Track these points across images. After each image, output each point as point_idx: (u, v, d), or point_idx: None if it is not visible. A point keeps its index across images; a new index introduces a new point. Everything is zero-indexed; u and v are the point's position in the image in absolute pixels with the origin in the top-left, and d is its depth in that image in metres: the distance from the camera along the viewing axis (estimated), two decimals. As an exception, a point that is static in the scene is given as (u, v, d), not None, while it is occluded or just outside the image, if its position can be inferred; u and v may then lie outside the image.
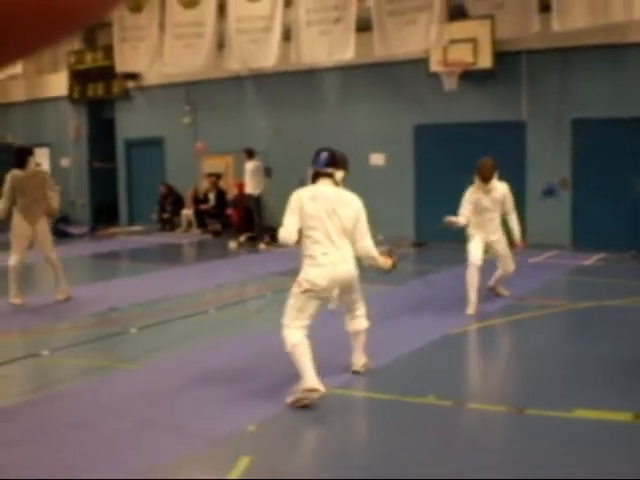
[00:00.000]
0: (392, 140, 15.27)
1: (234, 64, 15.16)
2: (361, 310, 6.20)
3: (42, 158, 22.07)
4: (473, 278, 8.46)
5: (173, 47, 15.58)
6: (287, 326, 5.70)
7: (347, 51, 13.33)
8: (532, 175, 13.98)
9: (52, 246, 9.87)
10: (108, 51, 18.03)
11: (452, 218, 8.76)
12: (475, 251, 8.65)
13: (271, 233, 15.83)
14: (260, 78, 16.59)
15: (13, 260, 9.61)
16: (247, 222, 15.99)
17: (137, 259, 15.28)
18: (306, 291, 5.67)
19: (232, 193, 17.37)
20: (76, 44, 20.16)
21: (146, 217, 19.17)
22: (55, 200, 9.91)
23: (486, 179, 8.68)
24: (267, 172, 16.27)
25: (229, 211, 17.21)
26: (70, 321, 8.87)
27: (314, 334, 5.77)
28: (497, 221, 8.90)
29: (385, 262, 6.16)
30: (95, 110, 20.62)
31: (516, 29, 11.85)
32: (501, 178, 8.88)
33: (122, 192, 20.42)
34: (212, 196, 17.94)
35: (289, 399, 5.51)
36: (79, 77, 20.03)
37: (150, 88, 19.02)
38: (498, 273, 9.17)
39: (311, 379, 5.44)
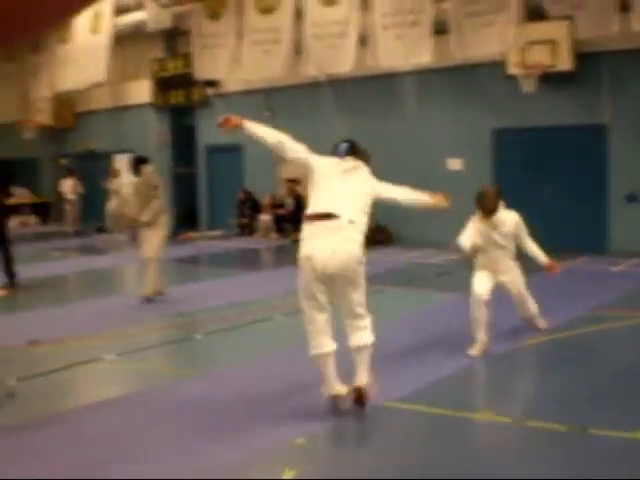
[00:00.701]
0: (469, 144, 14.98)
1: (311, 70, 15.17)
2: (366, 320, 5.53)
3: (126, 165, 22.58)
4: (478, 313, 7.10)
5: (251, 53, 15.68)
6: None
7: (424, 54, 13.16)
8: (614, 180, 13.48)
9: (158, 248, 10.34)
10: (188, 59, 18.28)
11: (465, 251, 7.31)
12: (480, 282, 7.25)
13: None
14: (337, 83, 16.53)
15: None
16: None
17: (213, 264, 15.42)
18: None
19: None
20: (158, 52, 20.54)
21: (225, 222, 19.34)
22: (151, 208, 10.20)
23: (489, 212, 7.22)
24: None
25: (307, 217, 17.18)
26: (140, 325, 8.96)
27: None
28: (509, 257, 7.47)
29: (437, 199, 5.95)
30: (177, 117, 20.93)
31: (595, 30, 11.45)
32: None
33: (202, 197, 20.67)
34: (290, 201, 17.97)
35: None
36: (162, 84, 20.38)
37: (229, 95, 19.19)
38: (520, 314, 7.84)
39: (333, 386, 5.49)
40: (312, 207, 5.42)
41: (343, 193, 5.41)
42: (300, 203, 17.64)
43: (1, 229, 11.79)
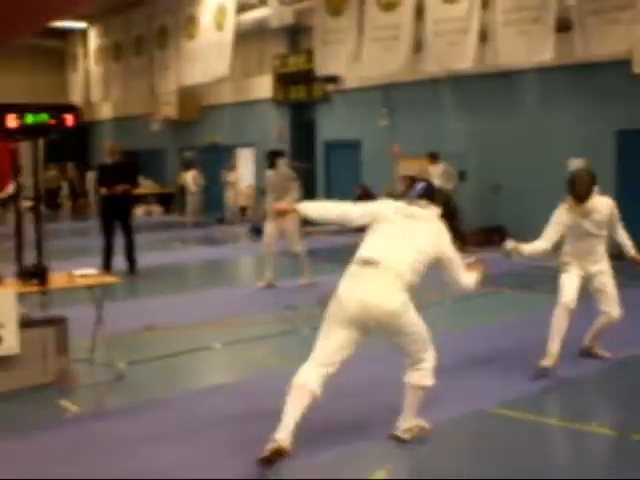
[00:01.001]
0: (592, 145, 14.50)
1: (431, 66, 15.02)
2: (427, 363, 4.91)
3: (247, 158, 23.08)
4: (560, 323, 6.57)
5: (371, 50, 15.68)
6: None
7: (546, 52, 12.82)
8: None
9: (296, 240, 11.12)
10: (310, 55, 18.48)
11: (514, 244, 6.66)
12: (569, 289, 6.66)
13: (461, 238, 15.63)
14: (457, 80, 16.35)
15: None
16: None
17: (323, 258, 15.51)
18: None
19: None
20: (281, 48, 20.85)
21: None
22: (291, 197, 10.69)
23: (582, 198, 6.52)
24: (462, 176, 16.04)
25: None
26: (250, 315, 9.16)
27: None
28: (602, 248, 6.78)
29: (477, 275, 5.19)
30: (297, 112, 21.20)
31: None
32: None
33: (319, 192, 20.85)
34: (406, 198, 17.89)
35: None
36: (283, 80, 20.68)
37: (349, 91, 19.28)
38: (598, 324, 6.94)
39: (283, 431, 4.51)
40: (360, 250, 4.91)
41: (397, 241, 4.82)
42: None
43: (127, 217, 12.28)
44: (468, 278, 5.10)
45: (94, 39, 24.47)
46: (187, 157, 23.28)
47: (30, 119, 5.99)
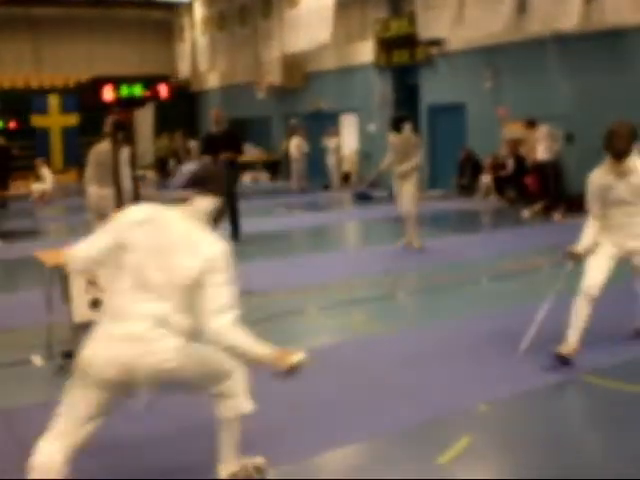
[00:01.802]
0: None
1: (535, 26, 14.70)
2: (234, 388, 3.88)
3: (350, 123, 23.12)
4: (581, 312, 5.86)
5: (474, 11, 15.48)
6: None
7: (655, 8, 12.37)
8: None
9: (412, 202, 11.19)
10: (412, 18, 18.31)
11: (578, 248, 5.98)
12: (595, 274, 5.90)
13: (568, 202, 15.28)
14: (562, 40, 15.86)
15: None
16: (544, 190, 15.50)
17: (429, 225, 15.48)
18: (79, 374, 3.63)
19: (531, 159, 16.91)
20: (382, 12, 20.70)
21: (446, 182, 19.32)
22: (413, 161, 11.12)
23: (620, 153, 5.72)
24: (569, 138, 15.65)
25: (527, 179, 16.77)
26: (351, 279, 9.30)
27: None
28: None
29: (278, 359, 3.68)
30: (399, 76, 21.02)
31: None
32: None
33: (424, 157, 20.69)
34: (511, 162, 17.61)
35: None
36: (385, 44, 20.53)
37: (452, 54, 18.99)
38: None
39: None
40: (106, 305, 3.84)
41: (158, 280, 3.63)
42: (521, 164, 17.26)
43: (232, 184, 12.56)
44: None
45: (199, 9, 24.91)
46: (292, 124, 23.48)
47: (125, 91, 6.22)
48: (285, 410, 5.08)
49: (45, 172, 20.27)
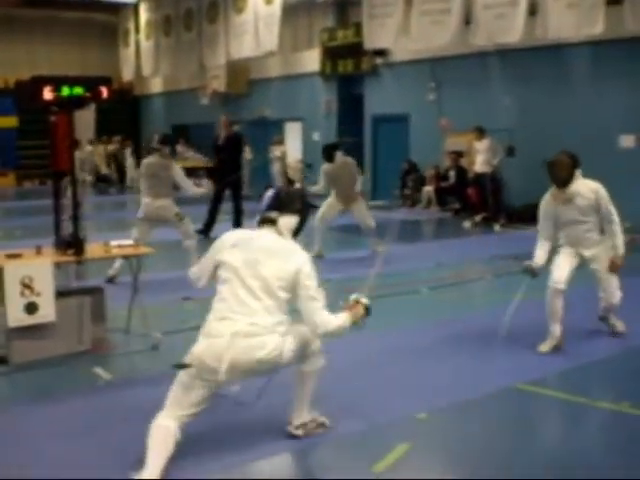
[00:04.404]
0: (644, 121, 14.18)
1: (479, 40, 14.80)
2: (312, 348, 4.60)
3: (295, 132, 23.06)
4: (554, 305, 6.45)
5: (420, 23, 15.51)
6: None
7: (596, 25, 12.52)
8: None
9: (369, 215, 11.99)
10: (359, 28, 18.35)
11: (531, 265, 6.57)
12: (559, 270, 6.52)
13: (507, 214, 15.47)
14: (505, 54, 16.07)
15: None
16: (484, 202, 15.67)
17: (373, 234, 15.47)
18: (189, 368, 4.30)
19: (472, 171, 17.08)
20: (329, 22, 20.74)
21: (388, 192, 19.37)
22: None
23: (562, 182, 6.36)
24: (510, 151, 15.83)
25: (469, 190, 16.92)
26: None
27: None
28: (594, 233, 6.55)
29: (355, 315, 4.58)
30: (345, 86, 21.08)
31: None
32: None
33: (367, 167, 20.76)
34: (453, 174, 17.76)
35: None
36: (331, 54, 20.58)
37: (397, 65, 19.13)
38: (600, 308, 6.94)
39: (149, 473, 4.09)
40: (213, 309, 4.50)
41: (250, 286, 4.38)
42: (463, 176, 17.42)
43: (237, 189, 14.16)
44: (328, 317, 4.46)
45: (145, 13, 24.64)
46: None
47: (66, 92, 6.07)
48: (226, 415, 4.97)
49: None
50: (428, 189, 18.31)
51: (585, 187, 6.42)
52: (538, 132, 15.61)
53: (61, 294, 6.37)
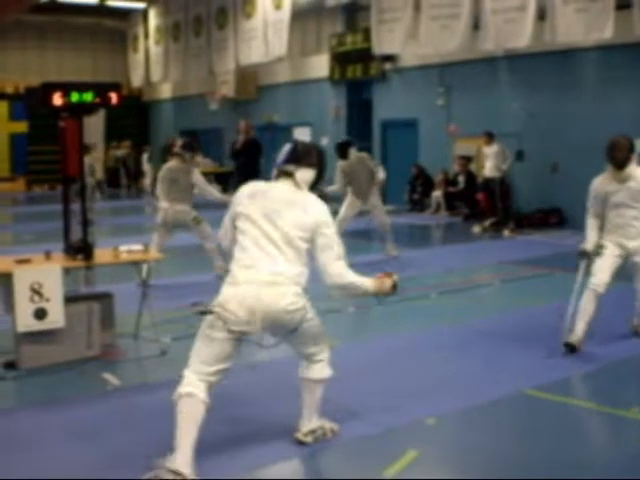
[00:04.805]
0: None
1: (488, 45, 14.79)
2: (322, 354, 4.61)
3: (304, 137, 23.05)
4: (587, 306, 6.55)
5: (429, 28, 15.51)
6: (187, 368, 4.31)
7: (605, 30, 12.51)
8: None
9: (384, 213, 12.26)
10: (367, 33, 18.35)
11: (587, 246, 6.74)
12: (601, 273, 6.60)
13: (517, 219, 15.43)
14: (514, 59, 16.06)
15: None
16: (493, 207, 15.64)
17: (378, 239, 15.45)
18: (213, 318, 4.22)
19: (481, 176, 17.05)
20: (338, 27, 20.76)
21: (397, 197, 19.34)
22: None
23: (620, 163, 6.51)
24: (519, 155, 15.79)
25: (478, 195, 16.89)
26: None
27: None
28: (639, 222, 6.67)
29: (380, 285, 4.55)
30: (353, 91, 21.08)
31: None
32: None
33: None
34: (462, 179, 17.74)
35: (146, 476, 4.10)
36: (340, 59, 20.59)
37: (406, 70, 19.12)
38: (638, 304, 6.96)
39: (181, 457, 4.07)
40: (236, 259, 4.40)
41: (272, 237, 4.34)
42: (472, 181, 17.40)
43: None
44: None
45: (154, 19, 24.72)
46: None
47: (75, 97, 6.09)
48: (225, 424, 4.97)
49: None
50: (437, 194, 18.29)
51: (638, 173, 6.60)
52: (547, 137, 15.58)
53: (70, 299, 6.38)
